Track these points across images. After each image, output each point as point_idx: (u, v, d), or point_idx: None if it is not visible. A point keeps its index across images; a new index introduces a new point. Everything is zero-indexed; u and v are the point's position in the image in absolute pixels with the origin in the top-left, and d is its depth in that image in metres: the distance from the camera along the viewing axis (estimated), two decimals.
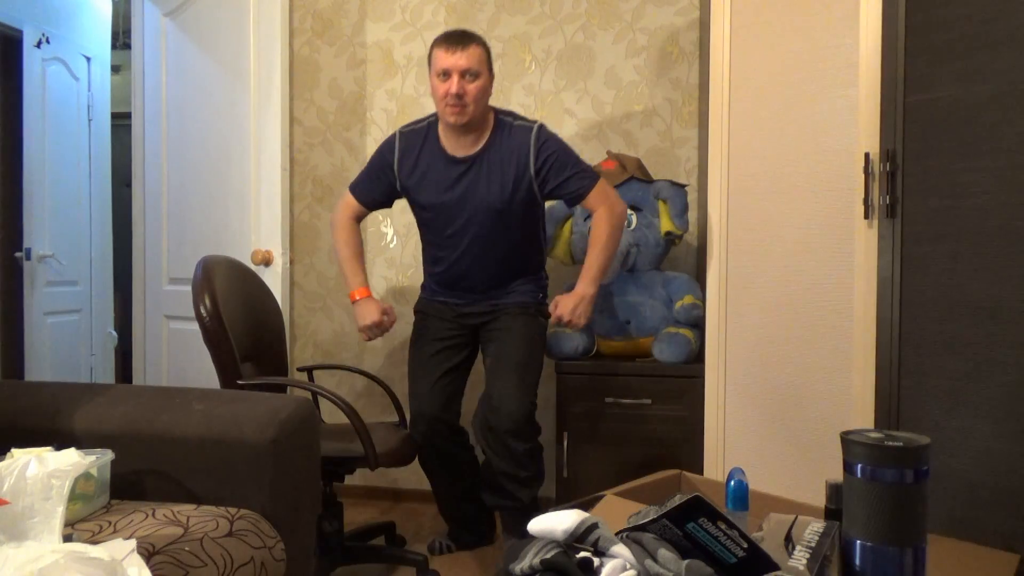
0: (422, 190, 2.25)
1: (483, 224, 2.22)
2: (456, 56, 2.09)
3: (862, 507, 1.02)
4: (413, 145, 2.26)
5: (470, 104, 2.10)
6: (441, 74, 2.11)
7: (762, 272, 2.04)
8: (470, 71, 2.09)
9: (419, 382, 2.31)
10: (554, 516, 0.99)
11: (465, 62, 2.09)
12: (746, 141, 2.06)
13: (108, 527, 1.36)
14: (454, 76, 2.09)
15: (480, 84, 2.11)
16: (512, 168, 2.18)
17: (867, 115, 1.82)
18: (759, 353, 2.05)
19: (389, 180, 2.30)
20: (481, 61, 2.12)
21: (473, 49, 2.11)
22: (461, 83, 2.09)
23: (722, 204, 2.11)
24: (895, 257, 1.78)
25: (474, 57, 2.11)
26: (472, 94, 2.10)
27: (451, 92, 2.07)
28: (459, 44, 2.10)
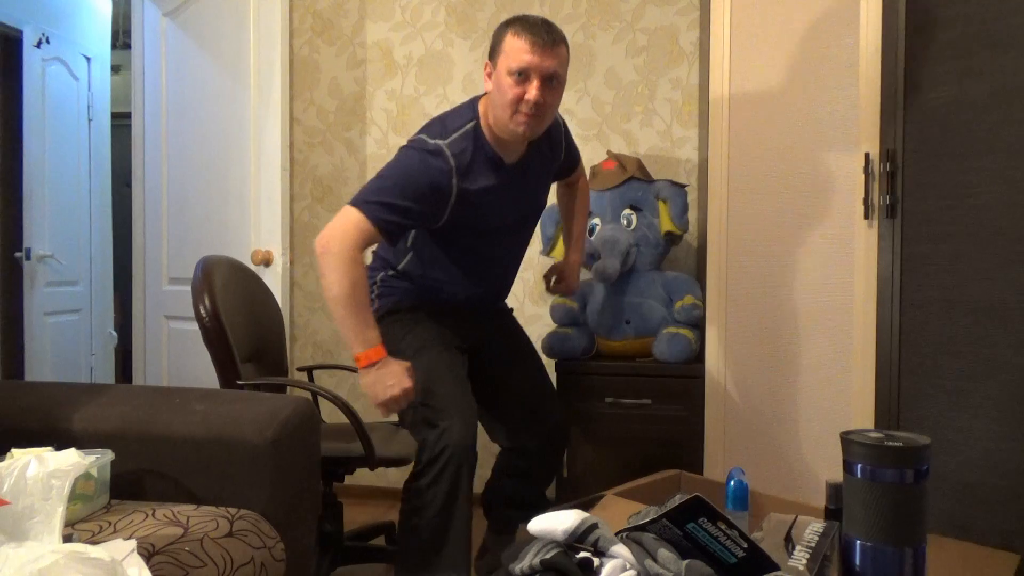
0: (483, 213, 1.82)
1: (519, 233, 1.98)
2: (544, 56, 1.67)
3: (862, 507, 1.02)
4: (465, 159, 1.78)
5: (546, 115, 1.74)
6: (517, 74, 1.68)
7: (762, 272, 2.04)
8: (556, 77, 1.70)
9: (451, 392, 1.78)
10: (554, 516, 0.98)
11: (553, 64, 1.68)
12: (746, 141, 2.06)
13: (108, 527, 1.36)
14: (535, 80, 1.67)
15: (559, 91, 1.75)
16: (551, 164, 1.96)
17: (867, 115, 1.82)
18: (759, 353, 2.05)
19: (438, 212, 1.78)
20: (565, 64, 1.75)
21: (562, 49, 1.71)
22: (543, 90, 1.69)
23: (722, 204, 2.11)
24: (895, 257, 1.78)
25: (562, 59, 1.72)
26: (552, 104, 1.74)
27: (531, 100, 1.68)
28: (548, 41, 1.67)
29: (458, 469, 1.70)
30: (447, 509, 1.71)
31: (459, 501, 1.72)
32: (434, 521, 1.72)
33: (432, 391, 1.76)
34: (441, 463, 1.70)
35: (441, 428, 1.71)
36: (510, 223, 1.91)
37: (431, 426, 1.72)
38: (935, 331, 1.73)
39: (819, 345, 1.95)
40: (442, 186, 1.74)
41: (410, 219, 1.76)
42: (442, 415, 1.73)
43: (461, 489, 1.71)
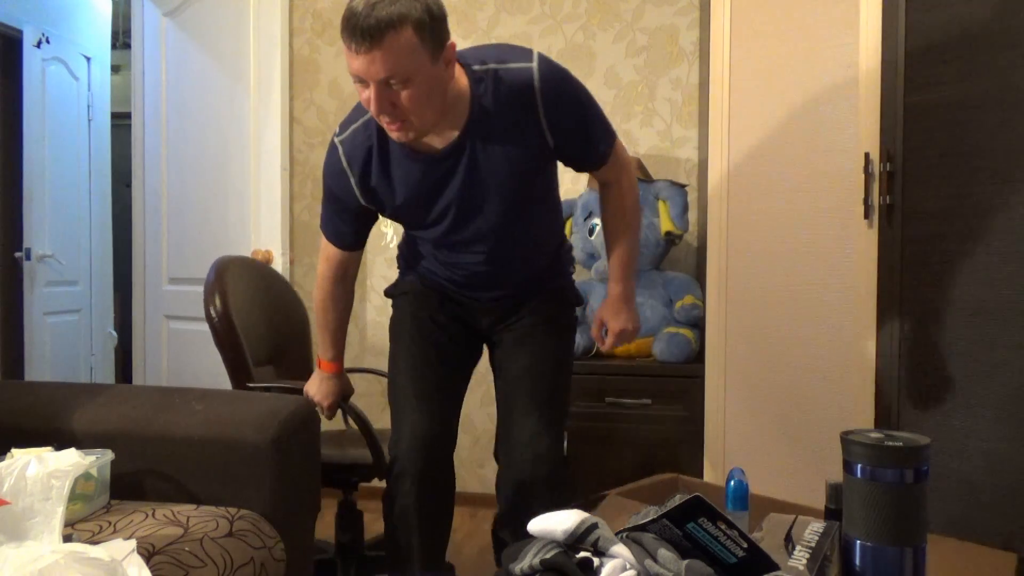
0: (411, 209, 1.56)
1: (498, 223, 1.55)
2: (366, 60, 1.27)
3: (862, 507, 1.02)
4: (359, 154, 1.52)
5: (411, 115, 1.34)
6: (355, 80, 1.34)
7: (762, 272, 2.04)
8: (393, 77, 1.29)
9: (404, 394, 1.61)
10: (554, 516, 0.98)
11: (382, 69, 1.27)
12: (746, 141, 2.06)
13: (108, 527, 1.36)
14: (371, 86, 1.31)
15: (418, 86, 1.31)
16: (516, 135, 1.46)
17: (867, 115, 1.82)
18: (759, 353, 2.05)
19: (361, 211, 1.59)
20: (410, 52, 1.27)
21: (391, 40, 1.25)
22: (385, 95, 1.31)
23: (722, 204, 2.10)
24: (895, 257, 1.78)
25: (394, 53, 1.26)
26: (409, 105, 1.32)
27: (372, 112, 1.35)
28: (366, 39, 1.25)
29: (400, 482, 1.53)
30: (392, 535, 1.57)
31: (407, 520, 1.54)
32: (388, 544, 1.60)
33: (391, 393, 1.65)
34: (391, 477, 1.56)
35: (392, 437, 1.59)
36: (465, 216, 1.54)
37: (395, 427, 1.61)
38: (935, 331, 1.73)
39: (819, 345, 1.95)
40: (342, 185, 1.55)
41: (346, 221, 1.61)
42: (395, 421, 1.61)
43: (407, 508, 1.53)
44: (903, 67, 1.76)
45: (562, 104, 1.46)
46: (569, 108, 1.48)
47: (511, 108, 1.43)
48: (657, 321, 2.40)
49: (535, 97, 1.42)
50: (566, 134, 1.49)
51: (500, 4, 2.89)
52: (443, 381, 1.65)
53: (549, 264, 1.70)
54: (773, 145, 2.01)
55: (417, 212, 1.55)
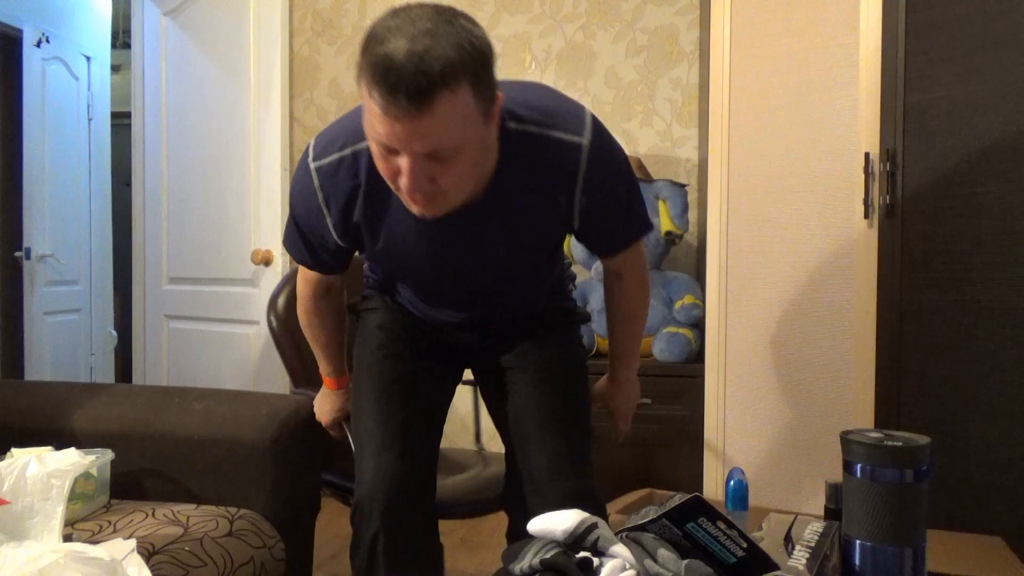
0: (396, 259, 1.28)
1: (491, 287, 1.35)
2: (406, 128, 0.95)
3: (862, 507, 1.02)
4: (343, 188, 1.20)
5: (449, 193, 1.06)
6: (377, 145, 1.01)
7: (762, 272, 2.04)
8: (441, 150, 0.99)
9: (367, 425, 1.34)
10: (554, 516, 0.98)
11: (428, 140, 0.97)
12: (746, 141, 2.06)
13: (108, 527, 1.36)
14: (406, 158, 1.00)
15: (469, 158, 1.03)
16: (539, 211, 1.20)
17: (867, 115, 1.82)
18: (759, 353, 2.05)
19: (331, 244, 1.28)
20: (465, 117, 0.98)
21: (445, 103, 0.94)
22: (425, 170, 1.01)
23: (722, 204, 2.10)
24: (895, 257, 1.78)
25: (445, 123, 0.96)
26: (452, 181, 1.04)
27: (404, 188, 1.03)
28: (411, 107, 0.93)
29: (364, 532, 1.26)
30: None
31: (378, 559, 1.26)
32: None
33: (355, 428, 1.38)
34: (354, 526, 1.29)
35: (356, 479, 1.30)
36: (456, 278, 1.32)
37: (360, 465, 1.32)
38: (935, 331, 1.73)
39: (819, 345, 1.95)
40: (314, 221, 1.25)
41: (320, 252, 1.32)
42: (358, 460, 1.32)
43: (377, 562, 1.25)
44: (903, 67, 1.76)
45: (604, 193, 1.20)
46: (610, 198, 1.22)
47: (543, 183, 1.17)
48: (657, 321, 2.40)
49: (576, 180, 1.16)
50: (596, 224, 1.25)
51: (500, 4, 2.89)
52: (417, 414, 1.36)
53: (547, 292, 1.48)
54: (773, 145, 2.01)
55: (399, 263, 1.30)
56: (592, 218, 1.22)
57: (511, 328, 1.44)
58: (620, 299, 1.45)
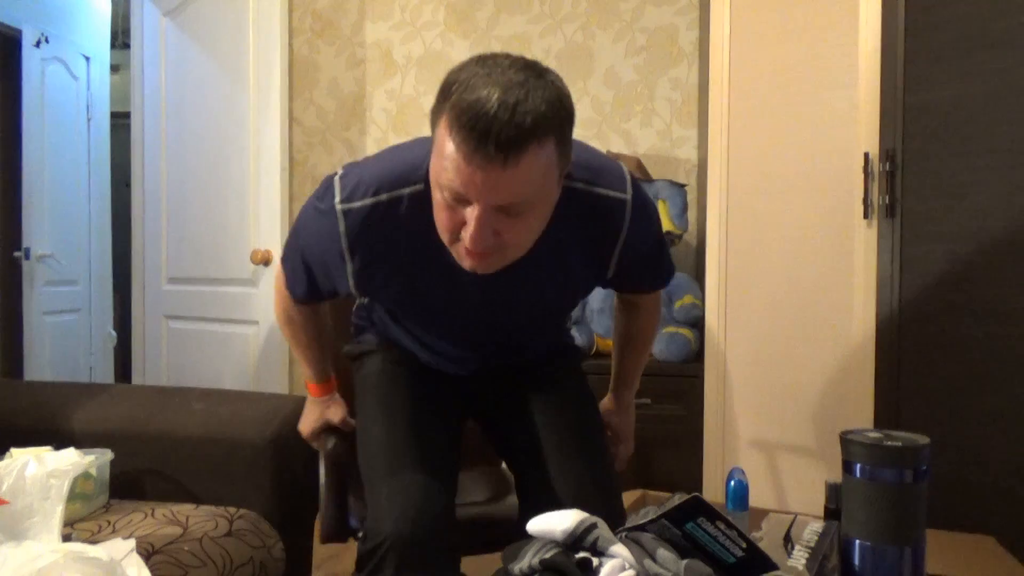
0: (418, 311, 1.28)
1: (517, 332, 1.35)
2: (488, 178, 0.93)
3: (861, 507, 1.02)
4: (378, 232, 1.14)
5: (509, 249, 1.04)
6: (449, 193, 0.97)
7: (762, 272, 2.04)
8: (519, 204, 0.98)
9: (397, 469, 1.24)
10: (553, 516, 0.98)
11: (508, 191, 0.95)
12: (746, 141, 2.06)
13: (107, 527, 1.36)
14: (476, 209, 0.96)
15: (537, 214, 1.02)
16: (581, 263, 1.22)
17: (867, 115, 1.82)
18: (759, 353, 2.05)
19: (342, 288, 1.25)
20: (547, 171, 0.97)
21: (532, 156, 0.93)
22: (492, 222, 0.98)
23: (722, 204, 2.10)
24: (895, 257, 1.78)
25: (531, 172, 0.94)
26: (516, 238, 1.02)
27: (468, 241, 0.99)
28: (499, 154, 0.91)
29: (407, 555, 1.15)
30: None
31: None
32: None
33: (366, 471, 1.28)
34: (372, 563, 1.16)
35: (372, 516, 1.20)
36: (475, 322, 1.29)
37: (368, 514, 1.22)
38: (935, 331, 1.73)
39: (819, 345, 1.95)
40: (328, 266, 1.20)
41: (315, 286, 1.28)
42: (374, 498, 1.22)
43: None
44: (903, 67, 1.76)
45: (642, 246, 1.24)
46: (646, 252, 1.27)
47: (588, 238, 1.18)
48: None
49: (619, 235, 1.19)
50: (628, 275, 1.29)
51: (500, 4, 2.89)
52: (432, 452, 1.28)
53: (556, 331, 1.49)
54: (773, 145, 2.01)
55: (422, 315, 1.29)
56: (627, 270, 1.26)
57: (518, 368, 1.42)
58: (633, 325, 1.48)
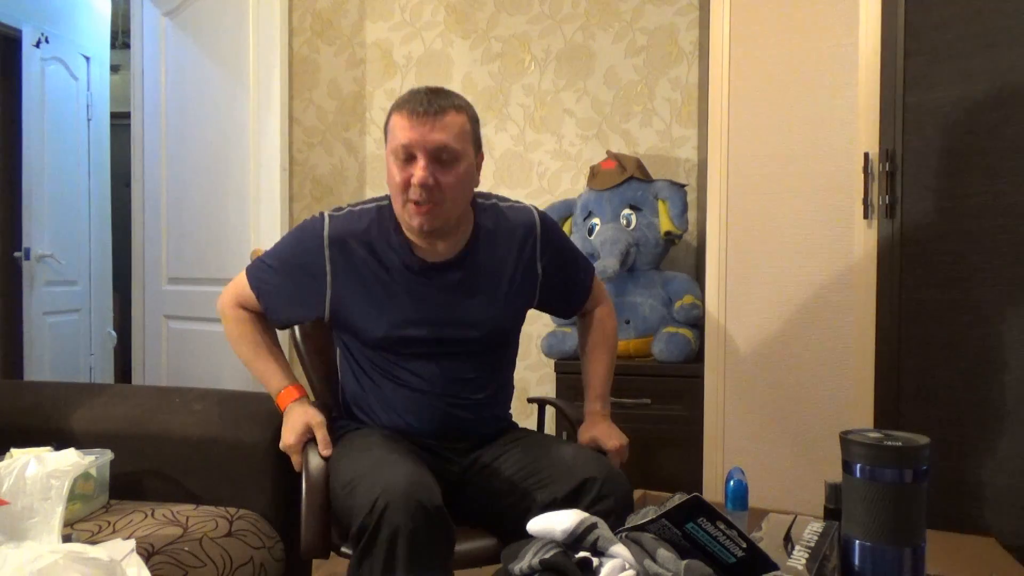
0: (369, 316, 1.47)
1: (455, 357, 1.50)
2: (424, 127, 1.36)
3: (861, 507, 1.02)
4: (353, 240, 1.47)
5: (447, 200, 1.39)
6: (400, 152, 1.38)
7: (762, 272, 2.04)
8: (448, 151, 1.37)
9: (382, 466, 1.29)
10: (553, 516, 0.98)
11: (441, 137, 1.36)
12: (746, 141, 2.06)
13: (107, 527, 1.36)
14: (420, 158, 1.36)
15: (462, 170, 1.40)
16: (511, 266, 1.53)
17: (866, 115, 1.82)
18: (759, 353, 2.05)
19: (312, 293, 1.48)
20: (464, 134, 1.40)
21: (452, 118, 1.38)
22: (432, 169, 1.36)
23: (722, 204, 2.10)
24: (895, 257, 1.78)
25: (453, 128, 1.38)
26: (450, 186, 1.38)
27: (416, 181, 1.35)
28: (430, 110, 1.36)
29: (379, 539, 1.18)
30: None
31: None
32: None
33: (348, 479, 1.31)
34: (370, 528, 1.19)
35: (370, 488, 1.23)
36: (432, 337, 1.47)
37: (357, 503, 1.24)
38: (935, 331, 1.73)
39: (819, 345, 1.95)
40: (311, 254, 1.46)
41: (284, 290, 1.50)
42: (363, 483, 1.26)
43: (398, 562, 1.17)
44: (903, 67, 1.76)
45: (555, 241, 1.58)
46: (560, 244, 1.60)
47: (511, 236, 1.53)
48: (656, 321, 2.40)
49: (535, 231, 1.55)
50: (556, 266, 1.58)
51: (500, 4, 2.89)
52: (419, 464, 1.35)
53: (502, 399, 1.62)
54: (773, 145, 2.01)
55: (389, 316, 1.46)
56: (554, 262, 1.57)
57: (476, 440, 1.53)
58: (599, 327, 1.69)
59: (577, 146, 2.82)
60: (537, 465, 1.41)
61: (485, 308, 1.50)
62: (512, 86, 2.89)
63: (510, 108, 2.88)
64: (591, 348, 1.68)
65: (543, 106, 2.87)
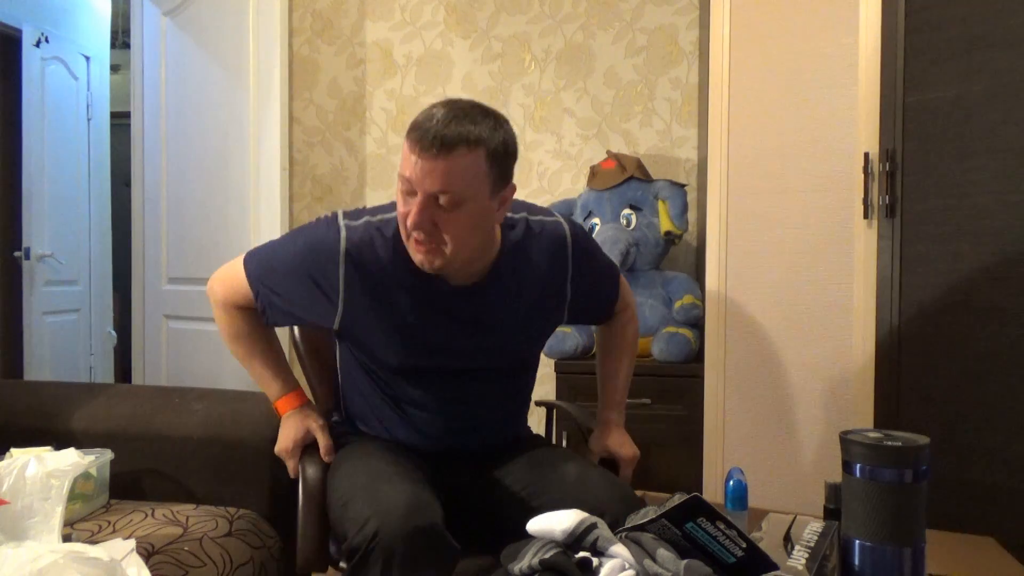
0: (383, 341, 1.36)
1: (492, 380, 1.41)
2: (425, 166, 1.18)
3: (861, 507, 1.02)
4: (372, 253, 1.32)
5: (448, 243, 1.22)
6: (403, 183, 1.22)
7: (762, 272, 2.04)
8: (448, 194, 1.18)
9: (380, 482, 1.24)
10: (553, 516, 0.98)
11: (438, 180, 1.18)
12: (746, 141, 2.06)
13: (107, 527, 1.37)
14: (418, 195, 1.19)
15: (468, 213, 1.21)
16: (539, 288, 1.39)
17: (867, 115, 1.82)
18: (759, 353, 2.05)
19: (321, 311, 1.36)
20: (474, 175, 1.20)
21: (461, 156, 1.17)
22: (430, 212, 1.20)
23: (721, 204, 2.10)
24: (895, 257, 1.78)
25: (458, 170, 1.18)
26: (450, 230, 1.22)
27: (408, 222, 1.21)
28: (433, 146, 1.16)
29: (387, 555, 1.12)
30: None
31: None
32: None
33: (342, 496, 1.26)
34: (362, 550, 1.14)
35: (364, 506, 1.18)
36: (450, 364, 1.37)
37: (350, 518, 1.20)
38: (935, 331, 1.73)
39: (819, 345, 1.94)
40: (324, 267, 1.32)
41: (289, 299, 1.38)
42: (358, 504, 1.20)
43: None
44: (903, 67, 1.76)
45: (587, 259, 1.44)
46: (591, 262, 1.46)
47: (540, 254, 1.38)
48: (656, 321, 2.40)
49: (566, 250, 1.40)
50: (587, 285, 1.45)
51: (500, 4, 2.89)
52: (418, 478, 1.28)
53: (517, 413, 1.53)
54: (773, 145, 2.01)
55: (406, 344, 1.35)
56: (584, 281, 1.43)
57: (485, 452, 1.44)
58: (615, 330, 1.59)
59: (577, 146, 2.82)
60: (540, 486, 1.32)
61: (509, 335, 1.39)
62: (512, 86, 2.89)
63: (510, 108, 2.88)
64: (610, 353, 1.59)
65: (543, 106, 2.87)
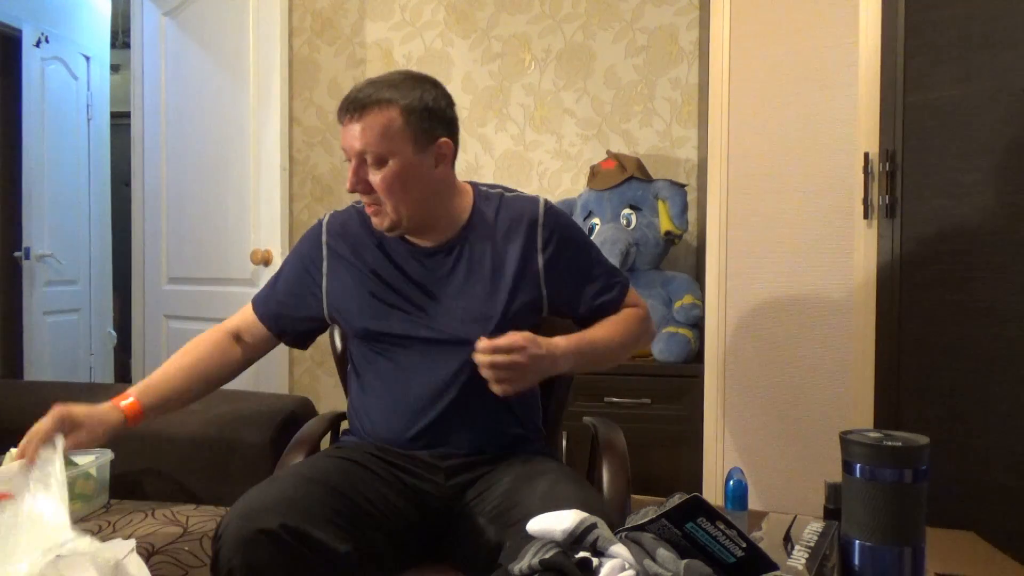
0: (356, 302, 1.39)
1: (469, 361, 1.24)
2: (348, 129, 1.29)
3: (861, 507, 1.03)
4: (350, 227, 1.44)
5: (385, 201, 1.30)
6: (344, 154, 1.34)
7: (762, 272, 2.04)
8: (369, 152, 1.27)
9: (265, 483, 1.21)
10: (553, 516, 0.98)
11: (357, 139, 1.27)
12: (746, 141, 2.06)
13: (108, 527, 1.37)
14: (352, 159, 1.30)
15: (393, 169, 1.28)
16: (514, 261, 1.37)
17: (866, 115, 1.82)
18: (759, 353, 2.05)
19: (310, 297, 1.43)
20: (390, 131, 1.27)
21: (375, 115, 1.26)
22: (361, 172, 1.29)
23: (722, 204, 2.10)
24: (895, 257, 1.78)
25: (375, 128, 1.26)
26: (381, 187, 1.29)
27: (348, 186, 1.32)
28: (354, 109, 1.28)
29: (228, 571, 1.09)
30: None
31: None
32: None
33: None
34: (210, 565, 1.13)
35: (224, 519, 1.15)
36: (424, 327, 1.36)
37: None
38: (934, 331, 1.73)
39: (819, 345, 1.95)
40: (311, 245, 1.45)
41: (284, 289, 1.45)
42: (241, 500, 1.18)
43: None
44: (903, 67, 1.76)
45: (561, 232, 1.40)
46: (568, 236, 1.42)
47: (514, 227, 1.39)
48: (656, 321, 2.40)
49: (536, 223, 1.39)
50: (563, 260, 1.40)
51: (500, 4, 2.89)
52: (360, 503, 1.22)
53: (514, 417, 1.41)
54: (773, 145, 2.01)
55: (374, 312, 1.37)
56: (559, 264, 1.40)
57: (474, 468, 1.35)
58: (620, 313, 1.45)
59: (577, 146, 2.82)
60: (511, 500, 1.22)
61: (483, 303, 1.35)
62: (512, 86, 2.89)
63: (510, 108, 2.88)
64: (600, 323, 1.43)
65: (543, 106, 2.87)
